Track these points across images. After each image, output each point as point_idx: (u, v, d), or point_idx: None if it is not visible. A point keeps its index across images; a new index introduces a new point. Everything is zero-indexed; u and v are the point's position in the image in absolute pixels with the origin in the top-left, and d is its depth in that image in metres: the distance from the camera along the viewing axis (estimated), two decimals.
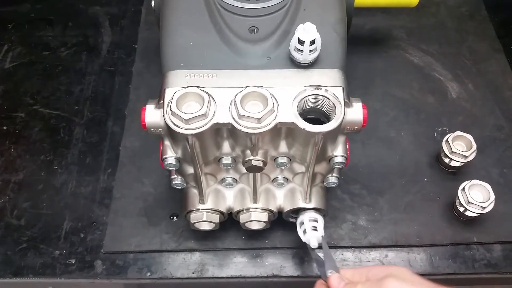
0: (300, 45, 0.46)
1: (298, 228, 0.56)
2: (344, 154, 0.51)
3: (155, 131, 0.49)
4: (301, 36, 0.45)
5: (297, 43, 0.46)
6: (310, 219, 0.55)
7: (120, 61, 0.81)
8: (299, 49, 0.46)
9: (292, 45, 0.47)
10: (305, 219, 0.55)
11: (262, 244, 0.63)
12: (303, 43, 0.45)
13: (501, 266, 0.61)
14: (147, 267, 0.61)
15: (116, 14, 0.87)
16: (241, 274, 0.61)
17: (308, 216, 0.55)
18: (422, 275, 0.61)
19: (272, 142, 0.49)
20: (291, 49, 0.47)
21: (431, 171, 0.69)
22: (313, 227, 0.54)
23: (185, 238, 0.63)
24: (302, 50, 0.46)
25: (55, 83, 0.79)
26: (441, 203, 0.66)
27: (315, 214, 0.55)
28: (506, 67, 0.80)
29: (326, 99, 0.46)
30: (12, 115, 0.75)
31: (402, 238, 0.63)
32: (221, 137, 0.49)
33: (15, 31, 0.86)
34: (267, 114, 0.45)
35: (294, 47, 0.47)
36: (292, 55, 0.48)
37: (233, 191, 0.58)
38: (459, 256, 0.62)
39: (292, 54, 0.48)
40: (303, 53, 0.46)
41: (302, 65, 0.48)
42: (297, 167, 0.54)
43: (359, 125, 0.49)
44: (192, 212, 0.57)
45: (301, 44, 0.46)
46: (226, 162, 0.51)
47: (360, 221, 0.65)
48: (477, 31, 0.85)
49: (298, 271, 0.61)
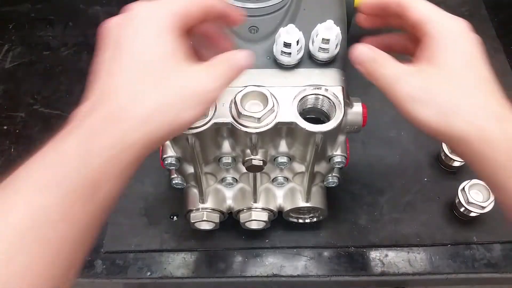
0: (287, 48, 0.46)
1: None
2: (344, 154, 0.51)
3: None
4: (286, 39, 0.45)
5: (284, 46, 0.46)
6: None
7: None
8: (286, 52, 0.47)
9: (278, 50, 0.47)
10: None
11: (262, 243, 0.63)
12: (289, 46, 0.46)
13: (501, 266, 0.61)
14: (147, 266, 0.61)
15: (117, 14, 0.86)
16: (241, 274, 0.61)
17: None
18: (422, 275, 0.61)
19: (272, 141, 0.50)
20: (277, 54, 0.48)
21: (431, 171, 0.69)
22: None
23: (185, 238, 0.63)
24: (290, 52, 0.46)
25: (56, 83, 0.79)
26: (441, 203, 0.66)
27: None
28: (506, 67, 0.80)
29: (326, 99, 0.46)
30: (12, 115, 0.75)
31: (402, 237, 0.63)
32: (221, 137, 0.50)
33: (16, 31, 0.86)
34: (267, 114, 0.45)
35: (281, 51, 0.47)
36: (279, 59, 0.48)
37: (233, 191, 0.58)
38: (459, 255, 0.62)
39: (278, 59, 0.48)
40: (291, 55, 0.47)
41: (288, 67, 0.48)
42: (297, 167, 0.54)
43: (359, 124, 0.49)
44: (192, 212, 0.57)
45: (287, 47, 0.46)
46: (226, 162, 0.51)
47: (360, 221, 0.65)
48: (477, 31, 0.85)
49: (298, 270, 0.61)
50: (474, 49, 0.38)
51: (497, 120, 0.35)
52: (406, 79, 0.37)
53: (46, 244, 0.28)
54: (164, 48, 0.34)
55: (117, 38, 0.35)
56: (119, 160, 0.32)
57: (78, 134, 0.31)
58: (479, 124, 0.35)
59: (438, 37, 0.38)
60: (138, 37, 0.34)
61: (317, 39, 0.46)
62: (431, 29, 0.38)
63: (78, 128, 0.32)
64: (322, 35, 0.46)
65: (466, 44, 0.38)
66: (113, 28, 0.36)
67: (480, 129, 0.35)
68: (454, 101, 0.36)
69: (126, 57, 0.34)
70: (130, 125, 0.32)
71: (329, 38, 0.45)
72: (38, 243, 0.28)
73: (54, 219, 0.29)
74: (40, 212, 0.28)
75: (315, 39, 0.46)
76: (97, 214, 0.32)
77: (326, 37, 0.45)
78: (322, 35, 0.46)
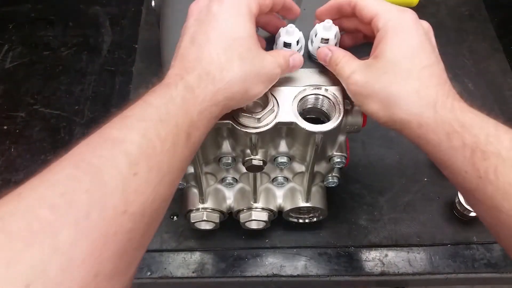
0: (287, 48, 0.46)
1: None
2: (344, 154, 0.51)
3: None
4: (286, 39, 0.45)
5: (284, 46, 0.46)
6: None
7: (120, 61, 0.81)
8: None
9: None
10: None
11: (262, 243, 0.63)
12: (290, 45, 0.46)
13: (501, 265, 0.61)
14: (147, 266, 0.61)
15: (117, 14, 0.87)
16: (241, 274, 0.61)
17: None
18: (422, 275, 0.61)
19: (272, 141, 0.50)
20: None
21: (431, 171, 0.69)
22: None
23: (185, 238, 0.63)
24: None
25: (56, 83, 0.79)
26: (441, 202, 0.66)
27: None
28: (506, 67, 0.81)
29: (326, 99, 0.46)
30: (13, 115, 0.75)
31: (402, 237, 0.63)
32: (221, 137, 0.50)
33: (16, 31, 0.86)
34: (267, 114, 0.45)
35: None
36: None
37: (233, 191, 0.58)
38: (459, 255, 0.62)
39: None
40: None
41: None
42: (297, 167, 0.54)
43: (359, 125, 0.49)
44: (192, 212, 0.57)
45: (287, 47, 0.46)
46: (226, 162, 0.51)
47: (360, 221, 0.65)
48: (477, 31, 0.85)
49: (298, 270, 0.61)
50: (417, 38, 0.40)
51: (430, 106, 0.38)
52: (354, 77, 0.41)
53: (155, 170, 0.33)
54: (246, 29, 0.39)
55: (207, 15, 0.40)
56: (207, 113, 0.37)
57: (179, 86, 0.36)
58: (414, 111, 0.38)
59: (384, 32, 0.40)
60: (225, 17, 0.39)
61: (316, 38, 0.46)
62: (378, 24, 0.41)
63: (178, 82, 0.37)
64: (321, 34, 0.46)
65: (409, 35, 0.40)
66: (203, 7, 0.40)
67: (415, 115, 0.38)
68: (392, 92, 0.39)
69: (214, 32, 0.39)
70: (219, 87, 0.37)
71: (328, 38, 0.45)
72: (149, 169, 0.32)
73: (163, 149, 0.33)
74: (152, 142, 0.33)
75: (314, 39, 0.46)
76: (190, 153, 0.37)
77: (325, 36, 0.45)
78: (321, 35, 0.46)
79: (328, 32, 0.45)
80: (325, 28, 0.45)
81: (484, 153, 0.35)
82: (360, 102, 0.42)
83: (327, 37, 0.45)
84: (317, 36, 0.46)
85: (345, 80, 0.42)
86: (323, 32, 0.45)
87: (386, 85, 0.39)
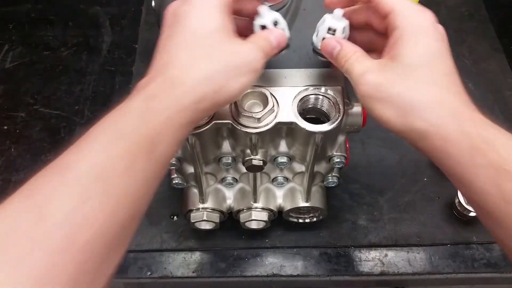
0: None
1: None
2: (344, 154, 0.51)
3: None
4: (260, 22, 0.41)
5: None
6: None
7: (120, 61, 0.81)
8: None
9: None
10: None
11: (262, 243, 0.63)
12: (265, 28, 0.42)
13: (501, 265, 0.61)
14: (147, 266, 0.61)
15: (117, 14, 0.87)
16: (241, 274, 0.61)
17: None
18: (422, 275, 0.61)
19: (272, 141, 0.50)
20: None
21: (431, 171, 0.69)
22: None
23: (185, 238, 0.63)
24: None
25: (56, 83, 0.79)
26: (441, 202, 0.66)
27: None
28: (506, 67, 0.81)
29: (326, 99, 0.46)
30: (13, 115, 0.75)
31: (402, 237, 0.63)
32: (221, 137, 0.50)
33: (16, 31, 0.86)
34: (267, 114, 0.45)
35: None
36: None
37: (233, 191, 0.58)
38: (459, 255, 0.62)
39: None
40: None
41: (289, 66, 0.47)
42: (297, 167, 0.54)
43: (359, 125, 0.49)
44: (192, 212, 0.57)
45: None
46: (226, 162, 0.51)
47: (360, 221, 0.65)
48: (477, 31, 0.85)
49: (298, 270, 0.61)
50: (437, 44, 0.38)
51: (453, 117, 0.35)
52: (367, 78, 0.38)
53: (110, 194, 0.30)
54: (215, 23, 0.37)
55: (175, 17, 0.39)
56: (173, 121, 0.34)
57: (140, 97, 0.35)
58: (436, 122, 0.35)
59: (402, 31, 0.37)
60: (192, 14, 0.37)
61: (322, 27, 0.42)
62: (396, 21, 0.38)
63: (139, 93, 0.35)
64: (329, 23, 0.42)
65: (429, 39, 0.37)
66: (172, 10, 0.39)
67: (437, 126, 0.35)
68: (411, 99, 0.36)
69: (181, 32, 0.37)
70: (183, 90, 0.35)
71: (335, 28, 0.42)
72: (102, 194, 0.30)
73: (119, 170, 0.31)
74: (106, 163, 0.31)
75: (320, 27, 0.43)
76: (156, 169, 0.34)
77: (333, 26, 0.42)
78: (328, 24, 0.42)
79: (338, 22, 0.41)
80: (334, 17, 0.41)
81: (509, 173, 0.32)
82: (370, 105, 0.38)
83: (335, 27, 0.41)
84: (324, 25, 0.42)
85: (355, 79, 0.39)
86: (332, 21, 0.41)
87: (405, 90, 0.36)
